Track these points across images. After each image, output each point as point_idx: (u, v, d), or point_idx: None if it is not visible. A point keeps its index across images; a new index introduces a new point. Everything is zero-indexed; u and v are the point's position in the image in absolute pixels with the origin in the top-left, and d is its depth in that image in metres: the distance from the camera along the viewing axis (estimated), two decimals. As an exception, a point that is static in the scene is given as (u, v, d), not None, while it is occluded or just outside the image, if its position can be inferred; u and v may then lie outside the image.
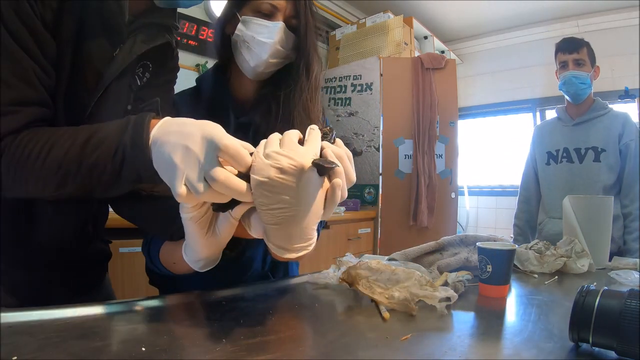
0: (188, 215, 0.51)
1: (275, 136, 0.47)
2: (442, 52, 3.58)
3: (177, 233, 0.59)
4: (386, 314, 0.58)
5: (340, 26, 3.40)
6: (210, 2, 2.48)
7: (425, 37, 3.39)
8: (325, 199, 0.48)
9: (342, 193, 0.48)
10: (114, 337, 0.46)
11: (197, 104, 0.84)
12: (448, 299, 0.62)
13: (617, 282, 0.88)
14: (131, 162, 0.49)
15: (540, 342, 0.49)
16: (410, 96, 2.81)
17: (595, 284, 0.49)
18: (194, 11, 2.41)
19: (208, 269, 0.59)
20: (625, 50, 3.15)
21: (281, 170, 0.43)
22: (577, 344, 0.46)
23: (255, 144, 0.49)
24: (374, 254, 1.08)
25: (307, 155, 0.45)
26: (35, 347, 0.41)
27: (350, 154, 0.51)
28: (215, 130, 0.46)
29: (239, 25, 0.79)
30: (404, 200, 2.74)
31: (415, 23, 3.14)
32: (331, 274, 0.76)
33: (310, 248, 0.52)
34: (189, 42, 2.37)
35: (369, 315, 0.59)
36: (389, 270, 0.65)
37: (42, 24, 0.54)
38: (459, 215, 3.11)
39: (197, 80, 0.90)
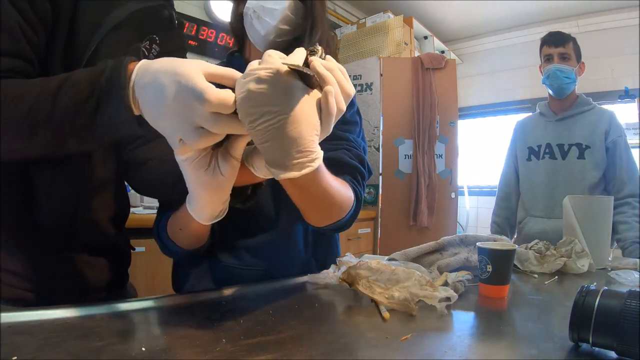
0: (182, 157, 0.49)
1: (255, 61, 0.45)
2: (442, 52, 3.58)
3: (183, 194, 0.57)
4: (386, 314, 0.58)
5: (340, 26, 3.41)
6: (211, 2, 2.48)
7: (425, 37, 3.40)
8: (321, 111, 0.46)
9: (337, 104, 0.47)
10: (114, 337, 0.46)
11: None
12: (448, 299, 0.62)
13: (617, 282, 0.88)
14: (107, 104, 0.46)
15: (540, 342, 0.49)
16: (410, 96, 2.81)
17: (595, 284, 0.49)
18: (194, 11, 2.41)
19: (215, 220, 0.57)
20: (625, 50, 3.15)
21: (258, 79, 0.42)
22: (577, 344, 0.46)
23: None
24: (374, 254, 1.08)
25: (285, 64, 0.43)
26: (35, 347, 0.41)
27: (344, 69, 0.49)
28: (194, 68, 0.43)
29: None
30: (404, 200, 2.75)
31: (415, 23, 3.14)
32: (331, 274, 0.76)
33: (314, 164, 0.47)
34: (190, 42, 2.37)
35: (369, 315, 0.59)
36: (389, 270, 0.65)
37: None
38: (459, 215, 3.11)
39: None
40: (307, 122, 0.45)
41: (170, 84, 0.43)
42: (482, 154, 4.02)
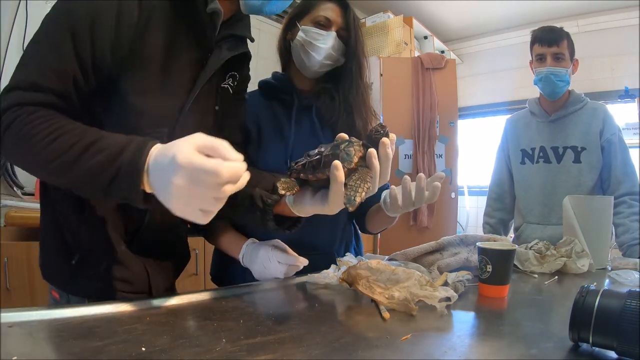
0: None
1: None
2: (442, 52, 3.58)
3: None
4: (386, 314, 0.58)
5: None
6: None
7: (425, 37, 3.39)
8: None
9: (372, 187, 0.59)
10: (114, 337, 0.46)
11: (267, 95, 1.04)
12: (448, 299, 0.62)
13: (617, 282, 0.88)
14: (121, 181, 0.52)
15: (540, 342, 0.49)
16: (410, 96, 2.81)
17: (595, 284, 0.49)
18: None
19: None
20: (625, 50, 3.15)
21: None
22: (577, 343, 0.46)
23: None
24: (374, 254, 1.09)
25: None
26: (35, 347, 0.41)
27: (388, 155, 0.59)
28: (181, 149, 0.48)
29: (299, 33, 0.97)
30: (404, 200, 2.74)
31: (415, 23, 3.14)
32: (331, 274, 0.76)
33: None
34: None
35: (369, 315, 0.59)
36: (389, 270, 0.65)
37: (115, 37, 0.60)
38: (459, 215, 3.11)
39: (260, 82, 1.07)
40: None
41: (182, 176, 0.48)
42: (482, 154, 4.02)
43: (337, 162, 0.56)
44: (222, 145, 0.49)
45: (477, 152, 4.03)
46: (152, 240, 0.76)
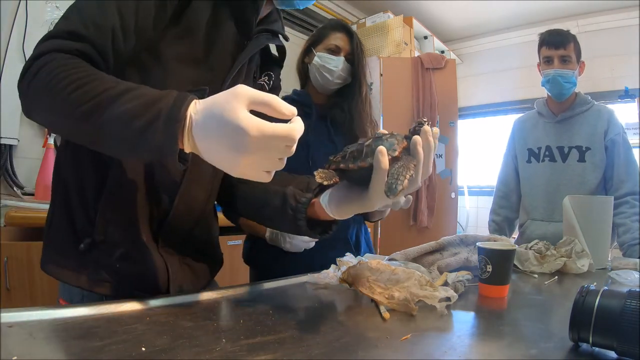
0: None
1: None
2: (442, 52, 3.58)
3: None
4: (386, 314, 0.58)
5: (340, 26, 3.40)
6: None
7: (425, 37, 3.39)
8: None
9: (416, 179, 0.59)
10: (114, 337, 0.46)
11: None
12: (448, 299, 0.62)
13: (617, 282, 0.88)
14: (156, 130, 0.47)
15: (540, 342, 0.49)
16: (410, 96, 2.80)
17: (595, 284, 0.49)
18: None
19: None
20: (625, 50, 3.14)
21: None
22: (577, 344, 0.46)
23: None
24: (374, 254, 1.09)
25: None
26: (35, 347, 0.41)
27: (431, 144, 0.59)
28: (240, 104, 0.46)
29: (315, 58, 1.21)
30: (404, 200, 2.74)
31: (415, 23, 3.14)
32: (331, 274, 0.76)
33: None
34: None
35: (369, 315, 0.59)
36: (389, 270, 0.65)
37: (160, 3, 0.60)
38: (459, 215, 3.11)
39: (283, 97, 1.22)
40: None
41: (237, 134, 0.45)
42: (482, 154, 4.02)
43: (382, 147, 0.54)
44: (275, 100, 0.46)
45: (477, 152, 4.03)
46: (178, 235, 0.71)
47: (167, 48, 0.63)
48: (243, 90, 0.45)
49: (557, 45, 1.55)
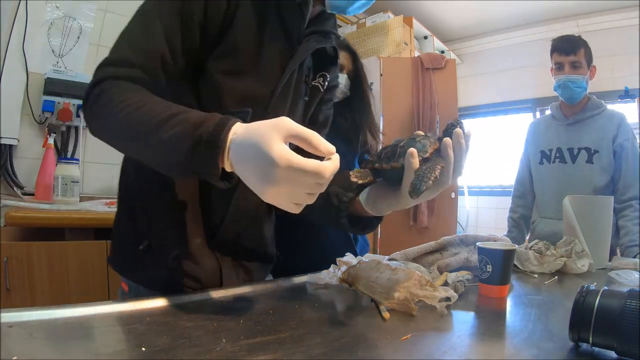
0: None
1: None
2: (442, 52, 3.58)
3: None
4: (386, 314, 0.58)
5: (340, 26, 3.40)
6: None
7: (425, 37, 3.39)
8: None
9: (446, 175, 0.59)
10: (114, 337, 0.46)
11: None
12: (448, 299, 0.62)
13: (617, 282, 0.88)
14: (200, 153, 0.50)
15: (540, 342, 0.49)
16: (410, 96, 2.80)
17: (595, 284, 0.49)
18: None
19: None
20: (625, 50, 3.14)
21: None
22: (577, 344, 0.46)
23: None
24: (374, 254, 1.09)
25: None
26: (35, 347, 0.41)
27: (462, 146, 0.60)
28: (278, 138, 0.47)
29: None
30: (404, 200, 2.74)
31: (415, 23, 3.14)
32: (331, 274, 0.76)
33: None
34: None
35: (369, 315, 0.59)
36: (389, 270, 0.65)
37: (202, 19, 0.63)
38: (459, 215, 3.11)
39: None
40: None
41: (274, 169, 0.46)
42: (482, 154, 4.02)
43: (412, 149, 0.57)
44: (314, 136, 0.47)
45: (477, 152, 4.03)
46: (232, 238, 0.75)
47: (215, 64, 0.66)
48: (284, 123, 0.47)
49: (568, 51, 1.61)
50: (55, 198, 1.59)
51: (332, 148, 0.48)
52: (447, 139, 0.58)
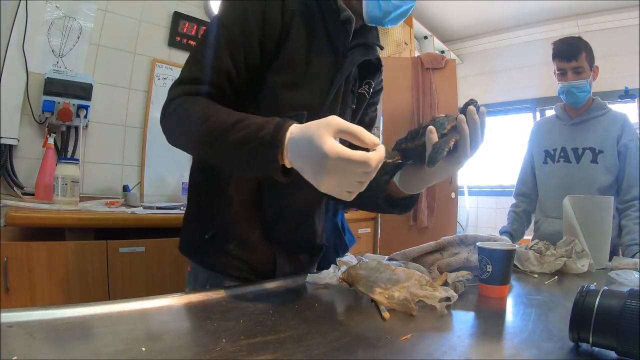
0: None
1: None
2: (442, 52, 3.58)
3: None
4: (386, 314, 0.58)
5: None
6: (210, 2, 2.48)
7: (425, 37, 3.40)
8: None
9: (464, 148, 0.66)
10: (114, 337, 0.46)
11: None
12: (448, 299, 0.62)
13: (617, 282, 0.88)
14: (262, 153, 0.57)
15: (540, 342, 0.49)
16: (410, 96, 2.81)
17: (595, 284, 0.49)
18: (194, 11, 2.41)
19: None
20: (625, 50, 3.15)
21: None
22: (577, 344, 0.46)
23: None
24: (374, 254, 1.09)
25: None
26: (35, 347, 0.41)
27: (476, 121, 0.65)
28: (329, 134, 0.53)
29: None
30: (404, 200, 2.74)
31: (415, 23, 3.14)
32: (331, 274, 0.76)
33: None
34: (189, 42, 2.37)
35: (369, 315, 0.59)
36: (389, 270, 0.65)
37: (262, 35, 0.71)
38: (459, 215, 3.11)
39: None
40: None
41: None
42: (482, 154, 4.01)
43: (431, 126, 0.64)
44: (360, 130, 0.53)
45: (477, 152, 4.02)
46: (288, 232, 0.84)
47: (272, 77, 0.74)
48: (334, 121, 0.53)
49: (569, 58, 1.61)
50: (55, 198, 1.58)
51: (377, 140, 0.54)
52: (461, 115, 0.65)
